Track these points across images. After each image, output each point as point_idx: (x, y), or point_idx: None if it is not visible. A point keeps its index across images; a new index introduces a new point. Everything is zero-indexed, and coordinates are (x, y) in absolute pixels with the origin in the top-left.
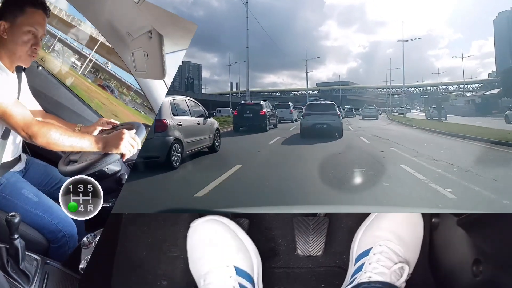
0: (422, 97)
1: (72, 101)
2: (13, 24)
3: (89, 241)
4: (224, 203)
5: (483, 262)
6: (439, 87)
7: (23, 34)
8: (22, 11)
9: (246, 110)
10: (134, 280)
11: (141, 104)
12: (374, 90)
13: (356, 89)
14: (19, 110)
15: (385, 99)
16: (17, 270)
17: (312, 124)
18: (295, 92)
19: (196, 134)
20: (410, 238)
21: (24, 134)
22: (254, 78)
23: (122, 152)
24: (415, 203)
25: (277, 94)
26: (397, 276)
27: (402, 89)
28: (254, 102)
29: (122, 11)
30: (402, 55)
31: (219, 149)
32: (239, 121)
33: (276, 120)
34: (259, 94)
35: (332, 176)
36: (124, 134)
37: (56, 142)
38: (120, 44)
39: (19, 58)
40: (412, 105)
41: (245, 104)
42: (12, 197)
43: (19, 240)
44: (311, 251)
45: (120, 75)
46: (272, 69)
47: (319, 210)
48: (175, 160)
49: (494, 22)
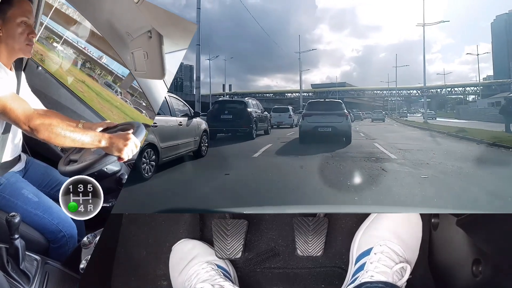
0: (423, 100)
1: (72, 101)
2: (5, 19)
3: (89, 241)
4: (224, 203)
5: (483, 262)
6: (444, 90)
7: (17, 26)
8: (10, 4)
9: (224, 109)
10: (134, 280)
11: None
12: (373, 92)
13: (354, 91)
14: (20, 104)
15: (382, 102)
16: (17, 270)
17: (313, 126)
18: (288, 94)
19: (177, 137)
20: (410, 238)
21: (26, 128)
22: (248, 81)
23: (123, 155)
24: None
25: (271, 96)
26: (398, 276)
27: (420, 90)
28: (235, 98)
29: (121, 11)
30: (423, 40)
31: (206, 153)
32: (213, 124)
33: (267, 124)
34: (251, 95)
35: (332, 176)
36: (130, 138)
37: (58, 136)
38: (120, 44)
39: (19, 50)
40: (410, 108)
41: (223, 102)
42: (12, 197)
43: (19, 240)
44: (311, 251)
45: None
46: (266, 72)
47: (319, 210)
48: (147, 170)
49: (492, 25)
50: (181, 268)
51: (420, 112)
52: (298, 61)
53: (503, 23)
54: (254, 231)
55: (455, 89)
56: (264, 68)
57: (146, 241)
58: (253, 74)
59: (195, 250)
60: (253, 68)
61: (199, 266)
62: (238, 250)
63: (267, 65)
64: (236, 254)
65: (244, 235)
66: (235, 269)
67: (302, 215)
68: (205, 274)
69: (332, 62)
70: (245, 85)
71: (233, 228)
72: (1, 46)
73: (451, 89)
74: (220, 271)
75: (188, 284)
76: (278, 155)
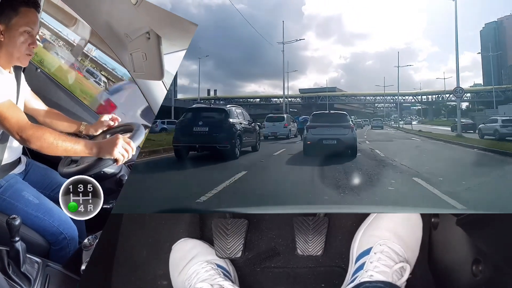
0: (415, 108)
1: (72, 102)
2: (8, 26)
3: (90, 243)
4: (224, 203)
5: (483, 262)
6: (443, 96)
7: (20, 34)
8: (16, 12)
9: (198, 119)
10: (134, 280)
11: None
12: (365, 98)
13: (345, 96)
14: (14, 113)
15: (372, 109)
16: (18, 273)
17: (318, 139)
18: (275, 99)
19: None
20: (410, 238)
21: (18, 138)
22: (235, 87)
23: (116, 157)
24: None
25: (256, 101)
26: (398, 275)
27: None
28: (213, 106)
29: (120, 12)
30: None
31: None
32: (183, 139)
33: (256, 139)
34: (235, 101)
35: (332, 176)
36: (118, 140)
37: (50, 146)
38: (119, 45)
39: (17, 58)
40: (402, 116)
41: (197, 110)
42: (12, 200)
43: (20, 243)
44: (311, 251)
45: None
46: (253, 78)
47: (319, 210)
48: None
49: (481, 33)
50: (181, 268)
51: (416, 120)
52: (285, 65)
53: (492, 31)
54: (254, 231)
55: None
56: (250, 74)
57: (146, 241)
58: (240, 80)
59: (195, 250)
60: (239, 74)
61: (199, 266)
62: (238, 249)
63: (253, 70)
64: (236, 254)
65: (244, 234)
66: (235, 268)
67: (303, 214)
68: (205, 274)
69: (320, 68)
70: (232, 90)
71: (233, 227)
72: (2, 50)
73: (449, 95)
74: (220, 271)
75: (188, 284)
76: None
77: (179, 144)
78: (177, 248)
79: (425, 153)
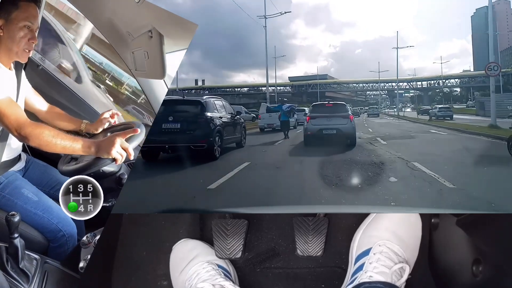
0: (409, 95)
1: (73, 100)
2: (8, 20)
3: (88, 240)
4: (224, 203)
5: (483, 262)
6: (440, 81)
7: (19, 29)
8: (16, 6)
9: (168, 114)
10: (134, 280)
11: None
12: (357, 85)
13: (336, 83)
14: (13, 110)
15: (364, 97)
16: (16, 269)
17: (318, 129)
18: (263, 88)
19: None
20: (409, 238)
21: (17, 135)
22: (224, 77)
23: (114, 157)
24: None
25: (244, 90)
26: (397, 276)
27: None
28: (186, 98)
29: (122, 11)
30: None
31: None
32: (150, 138)
33: (241, 134)
34: (220, 90)
35: (332, 176)
36: (116, 140)
37: (48, 144)
38: (121, 43)
39: (16, 54)
40: (393, 103)
41: (167, 103)
42: (12, 196)
43: (19, 239)
44: (311, 251)
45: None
46: (242, 67)
47: (319, 210)
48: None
49: (472, 19)
50: (181, 268)
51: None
52: (274, 55)
53: (483, 16)
54: (254, 231)
55: (450, 80)
56: (239, 64)
57: (146, 241)
58: (230, 70)
59: (196, 250)
60: (228, 65)
61: (199, 266)
62: (238, 250)
63: (243, 61)
64: (236, 254)
65: (244, 235)
66: (235, 269)
67: (302, 215)
68: (206, 274)
69: (309, 57)
70: (220, 80)
71: (233, 228)
72: (1, 46)
73: (445, 80)
74: (221, 271)
75: (188, 284)
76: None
77: (146, 144)
78: (178, 249)
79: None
